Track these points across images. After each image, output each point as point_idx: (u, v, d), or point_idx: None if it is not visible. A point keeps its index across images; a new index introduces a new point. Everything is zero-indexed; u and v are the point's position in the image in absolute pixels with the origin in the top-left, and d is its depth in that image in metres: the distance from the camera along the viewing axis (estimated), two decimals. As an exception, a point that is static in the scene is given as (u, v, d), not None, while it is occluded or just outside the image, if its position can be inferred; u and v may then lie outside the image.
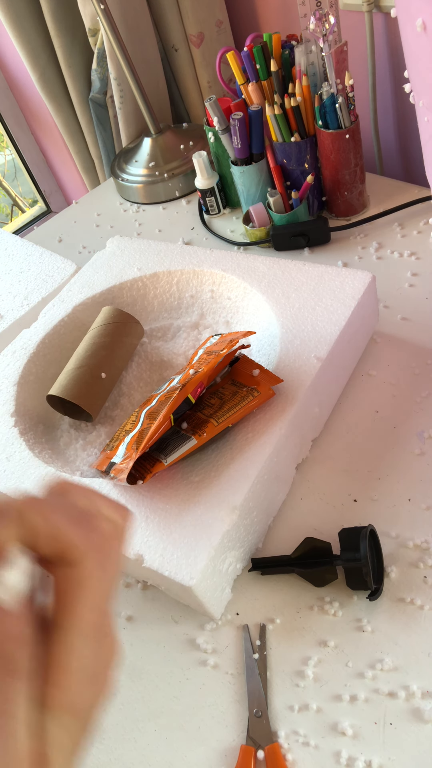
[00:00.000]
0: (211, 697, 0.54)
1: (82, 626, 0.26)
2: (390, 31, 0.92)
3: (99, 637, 0.27)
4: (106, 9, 0.94)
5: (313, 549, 0.57)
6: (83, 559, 0.27)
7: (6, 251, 0.97)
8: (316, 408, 0.66)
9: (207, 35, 1.07)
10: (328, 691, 0.52)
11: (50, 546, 0.26)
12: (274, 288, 0.73)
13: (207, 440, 0.58)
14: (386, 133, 1.05)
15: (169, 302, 0.82)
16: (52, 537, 0.26)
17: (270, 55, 0.84)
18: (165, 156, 1.09)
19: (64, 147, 1.46)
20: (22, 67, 1.31)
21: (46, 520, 0.26)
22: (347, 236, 0.91)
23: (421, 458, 0.64)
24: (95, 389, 0.71)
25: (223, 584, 0.57)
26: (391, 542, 0.59)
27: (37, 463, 0.64)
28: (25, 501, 0.27)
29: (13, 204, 2.09)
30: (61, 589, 0.27)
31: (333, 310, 0.68)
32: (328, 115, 0.83)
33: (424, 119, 0.60)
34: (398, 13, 0.54)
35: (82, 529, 0.27)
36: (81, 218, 1.14)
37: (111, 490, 0.60)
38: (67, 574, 0.27)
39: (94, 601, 0.27)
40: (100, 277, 0.82)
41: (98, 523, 0.28)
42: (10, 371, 0.74)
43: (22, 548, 0.26)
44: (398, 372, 0.72)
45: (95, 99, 1.18)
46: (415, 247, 0.86)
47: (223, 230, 1.00)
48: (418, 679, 0.51)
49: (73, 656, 0.26)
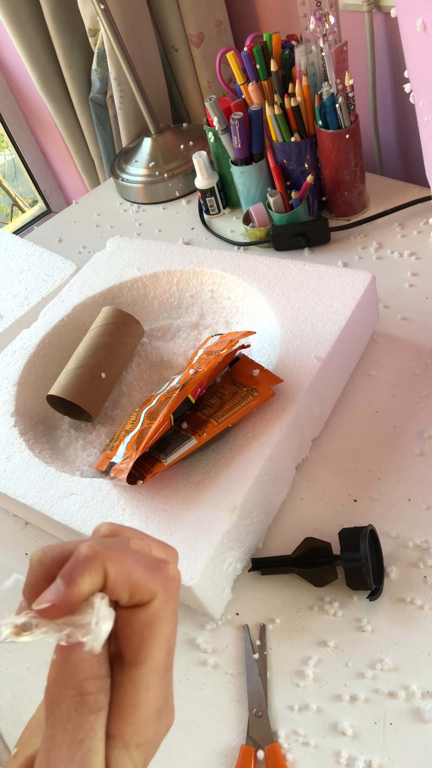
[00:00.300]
0: (211, 697, 0.54)
1: (154, 665, 0.28)
2: (390, 31, 0.92)
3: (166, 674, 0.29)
4: (106, 9, 0.94)
5: (313, 549, 0.57)
6: (156, 603, 0.28)
7: (6, 251, 0.97)
8: (316, 408, 0.66)
9: (207, 35, 1.07)
10: (328, 691, 0.52)
11: (127, 592, 0.28)
12: (274, 288, 0.73)
13: (207, 440, 0.58)
14: (386, 133, 1.05)
15: (169, 302, 0.82)
16: (129, 584, 0.28)
17: (270, 55, 0.84)
18: (165, 156, 1.09)
19: (64, 147, 1.46)
20: (22, 67, 1.31)
21: (125, 570, 0.28)
22: (347, 236, 0.91)
23: (421, 458, 0.64)
24: (95, 389, 0.71)
25: (223, 584, 0.57)
26: (391, 542, 0.59)
27: (37, 463, 0.64)
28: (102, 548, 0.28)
29: (13, 204, 2.09)
30: (135, 630, 0.28)
31: (333, 310, 0.68)
32: (328, 115, 0.83)
33: (424, 119, 0.60)
34: (398, 13, 0.54)
35: (156, 575, 0.28)
36: (81, 218, 1.14)
37: (111, 490, 0.60)
38: (141, 617, 0.28)
39: (165, 641, 0.28)
40: (100, 277, 0.82)
41: (166, 567, 0.29)
42: (10, 371, 0.74)
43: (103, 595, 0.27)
44: (398, 372, 0.72)
45: (95, 99, 1.18)
46: (415, 247, 0.86)
47: (223, 230, 1.00)
48: (418, 679, 0.51)
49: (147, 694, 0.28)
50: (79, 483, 0.61)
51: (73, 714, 0.26)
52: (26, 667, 0.60)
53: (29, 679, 0.59)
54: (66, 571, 0.27)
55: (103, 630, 0.27)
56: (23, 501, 0.61)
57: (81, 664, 0.27)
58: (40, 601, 0.27)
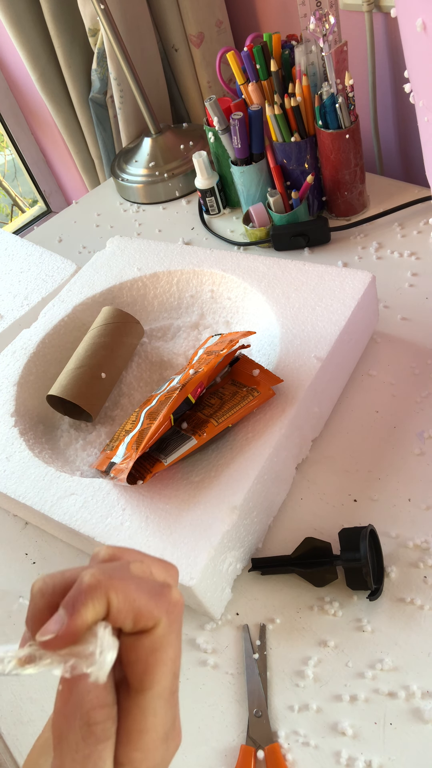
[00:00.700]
0: (211, 697, 0.54)
1: (160, 690, 0.28)
2: (390, 31, 0.92)
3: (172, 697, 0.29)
4: (106, 9, 0.94)
5: (313, 549, 0.57)
6: (160, 628, 0.28)
7: (6, 251, 0.97)
8: (316, 408, 0.66)
9: (207, 35, 1.07)
10: (328, 691, 0.52)
11: (131, 619, 0.27)
12: (274, 288, 0.73)
13: (207, 440, 0.58)
14: (386, 133, 1.05)
15: (169, 302, 0.82)
16: (133, 611, 0.27)
17: (270, 55, 0.84)
18: (165, 156, 1.09)
19: (64, 147, 1.46)
20: (22, 67, 1.31)
21: (128, 598, 0.27)
22: (347, 236, 0.91)
23: (421, 458, 0.64)
24: (95, 389, 0.71)
25: (223, 584, 0.57)
26: (391, 542, 0.59)
27: (37, 463, 0.64)
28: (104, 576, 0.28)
29: (13, 204, 2.09)
30: (140, 657, 0.28)
31: (333, 310, 0.68)
32: (328, 115, 0.83)
33: (424, 119, 0.60)
34: (398, 13, 0.54)
35: (159, 601, 0.28)
36: (81, 218, 1.14)
37: (111, 490, 0.60)
38: (145, 644, 0.28)
39: (170, 665, 0.28)
40: (100, 277, 0.82)
41: (169, 592, 0.29)
42: (10, 371, 0.74)
43: (106, 624, 0.27)
44: (398, 372, 0.72)
45: (95, 99, 1.18)
46: (415, 247, 0.86)
47: (223, 230, 1.00)
48: (418, 679, 0.51)
49: (154, 719, 0.28)
50: (79, 483, 0.61)
51: (81, 744, 0.26)
52: (26, 667, 0.60)
53: (29, 679, 0.59)
54: (69, 601, 0.27)
55: (108, 660, 0.27)
56: (23, 501, 0.61)
57: (87, 694, 0.27)
58: (44, 632, 0.26)
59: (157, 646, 0.28)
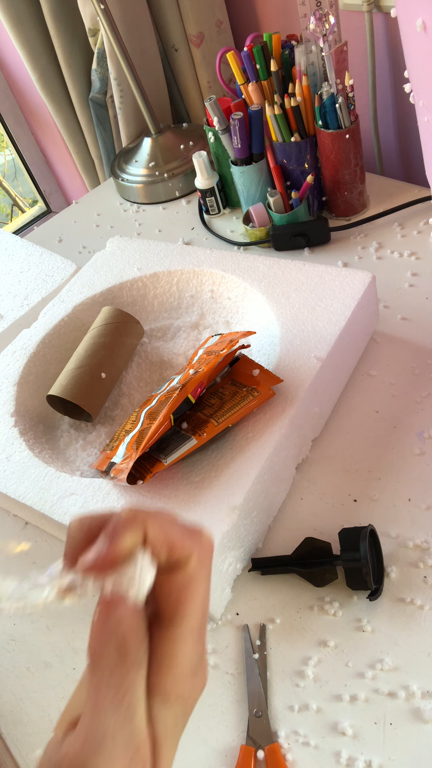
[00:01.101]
0: (211, 697, 0.54)
1: (190, 625, 0.30)
2: (390, 31, 0.92)
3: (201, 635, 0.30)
4: (106, 9, 0.94)
5: (313, 549, 0.57)
6: (193, 564, 0.30)
7: (6, 251, 0.97)
8: (316, 408, 0.66)
9: (207, 35, 1.07)
10: (328, 691, 0.52)
11: (165, 551, 0.29)
12: (274, 288, 0.73)
13: (207, 440, 0.59)
14: (386, 133, 1.05)
15: (169, 302, 0.82)
16: (168, 543, 0.29)
17: (270, 55, 0.84)
18: (165, 156, 1.09)
19: (64, 147, 1.46)
20: (22, 67, 1.31)
21: (164, 530, 0.29)
22: (347, 236, 0.91)
23: (421, 458, 0.64)
24: (95, 389, 0.71)
25: (223, 584, 0.57)
26: (391, 542, 0.59)
27: (37, 463, 0.64)
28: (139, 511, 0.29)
29: (13, 204, 2.09)
30: (173, 590, 0.29)
31: (333, 310, 0.68)
32: (328, 115, 0.83)
33: (424, 119, 0.60)
34: (398, 13, 0.54)
35: (192, 538, 0.30)
36: (81, 218, 1.14)
37: (111, 490, 0.60)
38: (178, 578, 0.29)
39: (200, 601, 0.30)
40: (100, 277, 0.82)
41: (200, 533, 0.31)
42: (10, 371, 0.74)
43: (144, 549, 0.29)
44: (398, 372, 0.72)
45: (95, 99, 1.18)
46: (415, 247, 0.86)
47: (223, 230, 1.00)
48: (418, 679, 0.51)
49: (184, 652, 0.29)
50: (79, 483, 0.61)
51: (115, 669, 0.28)
52: (26, 667, 0.60)
53: (29, 679, 0.59)
54: (108, 530, 0.28)
55: (147, 580, 0.28)
56: (23, 501, 0.61)
57: (123, 619, 0.28)
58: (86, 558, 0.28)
59: (189, 581, 0.29)
